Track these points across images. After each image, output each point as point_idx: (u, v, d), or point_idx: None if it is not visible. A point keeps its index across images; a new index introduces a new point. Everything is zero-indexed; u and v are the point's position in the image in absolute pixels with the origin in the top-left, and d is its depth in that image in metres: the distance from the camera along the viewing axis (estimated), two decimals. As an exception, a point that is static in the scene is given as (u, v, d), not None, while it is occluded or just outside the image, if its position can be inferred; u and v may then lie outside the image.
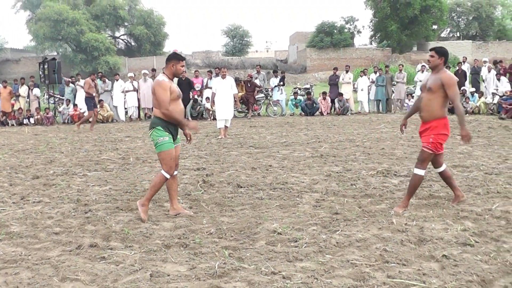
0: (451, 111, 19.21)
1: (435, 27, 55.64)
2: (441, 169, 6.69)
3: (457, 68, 23.01)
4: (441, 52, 6.47)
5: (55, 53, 57.80)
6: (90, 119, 18.50)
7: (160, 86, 6.23)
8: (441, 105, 6.35)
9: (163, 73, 6.45)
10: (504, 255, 4.76)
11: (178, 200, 6.87)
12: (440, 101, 6.33)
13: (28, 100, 22.65)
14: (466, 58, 25.09)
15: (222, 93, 14.59)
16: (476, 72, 23.18)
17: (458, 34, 66.62)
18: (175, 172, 6.59)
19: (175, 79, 20.73)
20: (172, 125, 6.34)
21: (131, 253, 5.09)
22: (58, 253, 5.16)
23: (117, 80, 21.97)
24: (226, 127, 14.75)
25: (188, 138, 6.77)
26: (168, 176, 6.36)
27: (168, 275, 4.47)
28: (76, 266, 4.72)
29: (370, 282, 4.24)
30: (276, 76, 23.56)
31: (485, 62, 23.28)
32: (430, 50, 6.66)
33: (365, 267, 4.57)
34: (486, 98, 20.69)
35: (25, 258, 5.00)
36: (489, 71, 21.75)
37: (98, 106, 21.37)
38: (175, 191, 6.65)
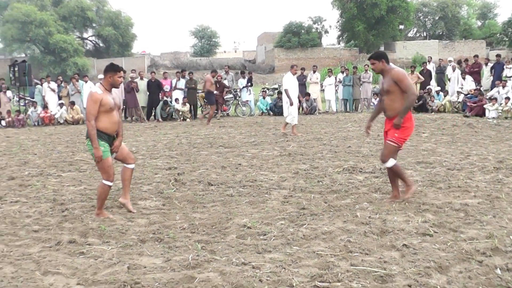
0: (418, 109, 19.64)
1: (401, 27, 56.40)
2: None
3: (423, 67, 23.43)
4: (378, 56, 6.76)
5: (23, 55, 57.23)
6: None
7: (90, 98, 6.34)
8: (402, 100, 6.59)
9: (101, 83, 6.56)
10: (461, 244, 5.05)
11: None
12: (400, 97, 6.60)
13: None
14: (431, 58, 25.56)
15: (294, 90, 14.46)
16: (441, 71, 23.56)
17: (424, 34, 67.55)
18: (132, 166, 6.80)
19: (144, 81, 21.06)
20: (106, 134, 6.46)
21: (108, 248, 5.30)
22: (39, 249, 5.36)
23: (86, 82, 21.95)
24: (287, 123, 14.72)
25: (114, 150, 6.70)
26: (109, 183, 6.54)
27: (145, 267, 4.71)
28: (57, 261, 4.93)
29: (334, 270, 4.50)
30: (243, 77, 23.70)
31: (450, 61, 23.72)
32: (368, 59, 6.99)
33: (330, 257, 4.84)
34: (451, 96, 21.08)
35: (7, 254, 5.18)
36: (453, 70, 22.17)
37: (69, 108, 21.41)
38: (128, 181, 6.83)
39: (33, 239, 5.71)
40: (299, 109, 22.23)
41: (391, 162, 6.76)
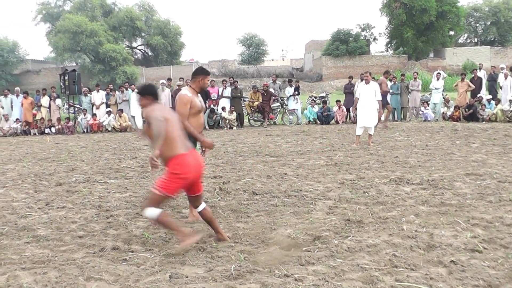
0: (468, 118, 19.21)
1: (452, 33, 55.16)
2: (200, 208, 5.93)
3: (473, 75, 22.92)
4: (143, 92, 5.70)
5: (74, 64, 58.91)
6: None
7: (180, 100, 6.50)
8: (166, 144, 5.34)
9: (189, 86, 6.73)
10: (512, 262, 4.85)
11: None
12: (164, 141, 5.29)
13: (49, 110, 23.09)
14: (482, 65, 24.91)
15: (365, 99, 14.13)
16: (493, 79, 22.92)
17: (476, 40, 65.87)
18: None
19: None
20: (188, 137, 6.54)
21: (151, 256, 5.35)
22: (83, 255, 5.47)
23: (133, 90, 22.37)
24: (370, 135, 14.35)
25: (204, 151, 6.90)
26: None
27: (187, 277, 4.71)
28: (100, 267, 5.00)
29: (379, 285, 4.41)
30: (291, 86, 23.61)
31: (502, 68, 23.05)
32: (136, 94, 5.99)
33: (374, 271, 4.74)
34: (503, 105, 20.53)
35: (52, 259, 5.31)
36: (505, 78, 21.53)
37: (117, 115, 21.79)
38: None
39: (77, 244, 5.83)
40: (347, 118, 22.10)
41: (149, 212, 5.32)
